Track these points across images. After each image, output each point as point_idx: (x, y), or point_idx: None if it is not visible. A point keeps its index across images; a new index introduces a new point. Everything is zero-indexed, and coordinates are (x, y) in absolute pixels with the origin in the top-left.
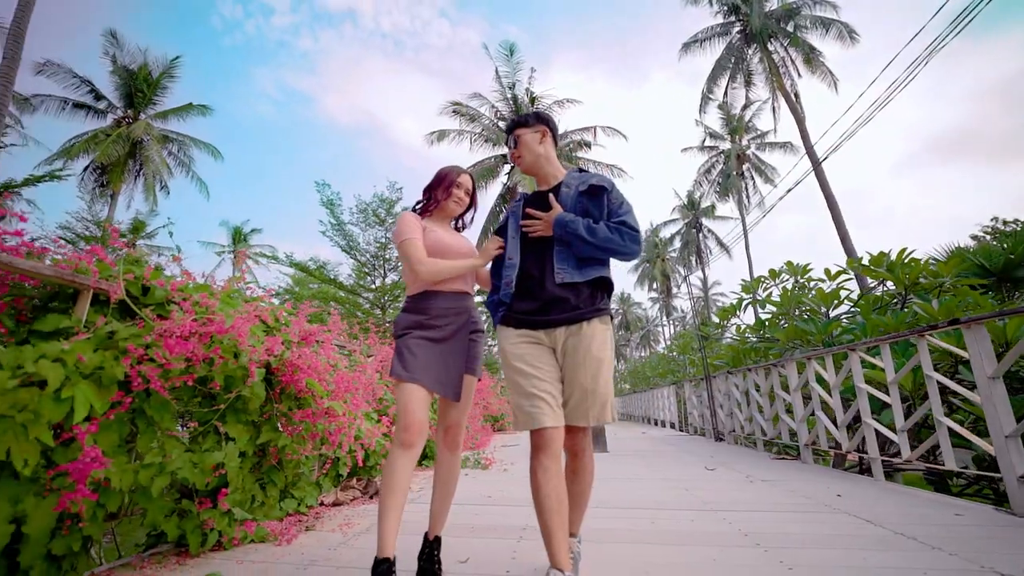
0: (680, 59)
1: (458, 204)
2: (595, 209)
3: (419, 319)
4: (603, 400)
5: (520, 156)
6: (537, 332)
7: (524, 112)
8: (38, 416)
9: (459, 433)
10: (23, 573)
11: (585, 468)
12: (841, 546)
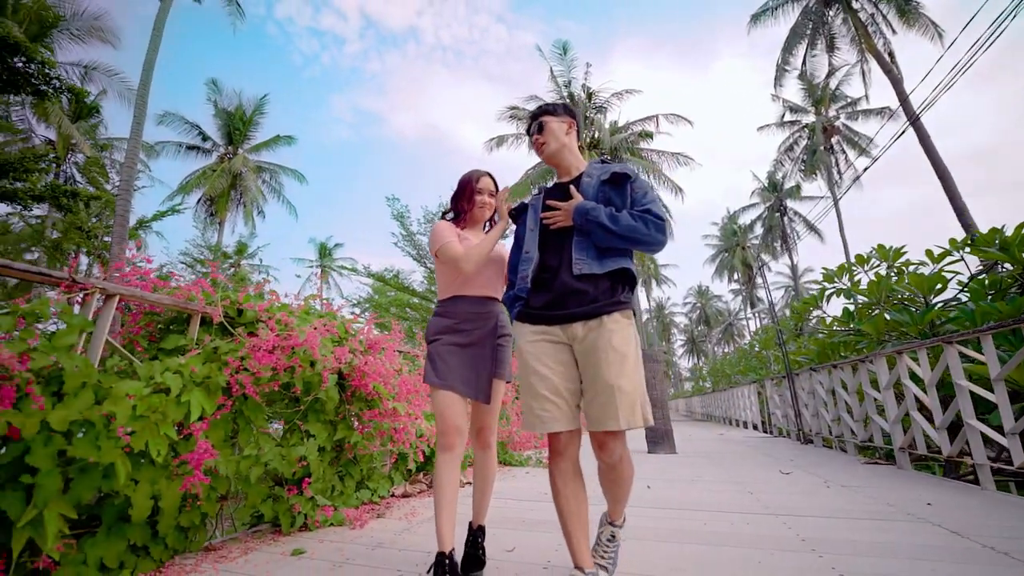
0: (749, 32)
1: (484, 208)
2: (618, 198)
3: (448, 323)
4: (632, 399)
5: (544, 143)
6: (553, 328)
7: (582, 109)
8: (165, 416)
9: (490, 434)
10: (161, 539)
11: (623, 477)
12: (908, 556)
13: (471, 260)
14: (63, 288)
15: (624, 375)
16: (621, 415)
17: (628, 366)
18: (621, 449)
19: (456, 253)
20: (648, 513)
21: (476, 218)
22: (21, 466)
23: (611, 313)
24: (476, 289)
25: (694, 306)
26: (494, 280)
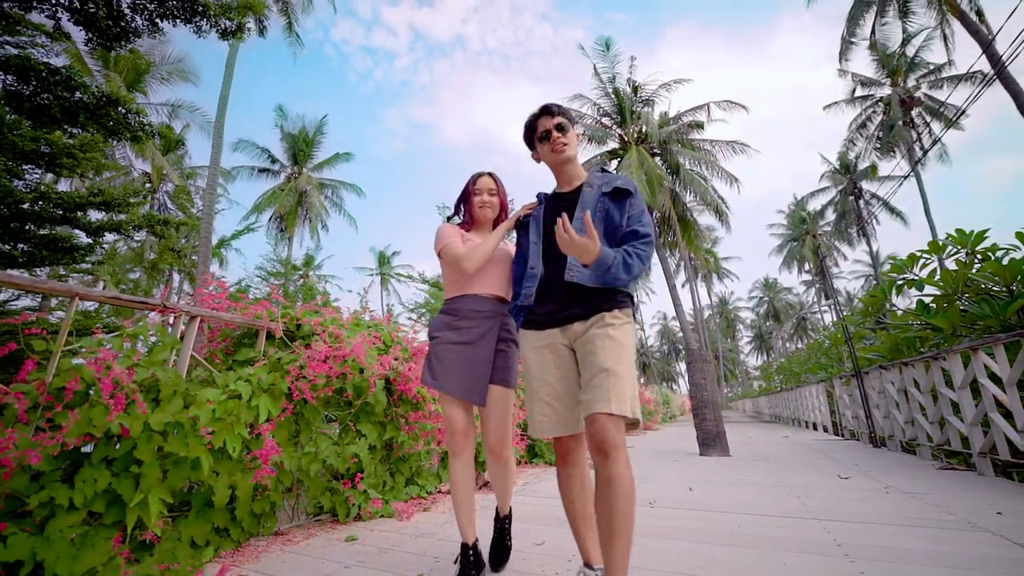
0: (809, 4)
1: (484, 207)
2: (616, 211)
3: (448, 320)
4: (624, 386)
5: (567, 144)
6: (555, 331)
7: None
8: (239, 418)
9: (498, 442)
10: (239, 522)
11: (621, 478)
12: (953, 565)
13: (472, 259)
14: (158, 312)
15: (620, 362)
16: (613, 397)
17: (624, 355)
18: (615, 436)
19: (456, 253)
20: (683, 514)
21: (479, 218)
22: (130, 459)
23: (611, 310)
24: (481, 288)
25: (761, 300)
26: (500, 279)
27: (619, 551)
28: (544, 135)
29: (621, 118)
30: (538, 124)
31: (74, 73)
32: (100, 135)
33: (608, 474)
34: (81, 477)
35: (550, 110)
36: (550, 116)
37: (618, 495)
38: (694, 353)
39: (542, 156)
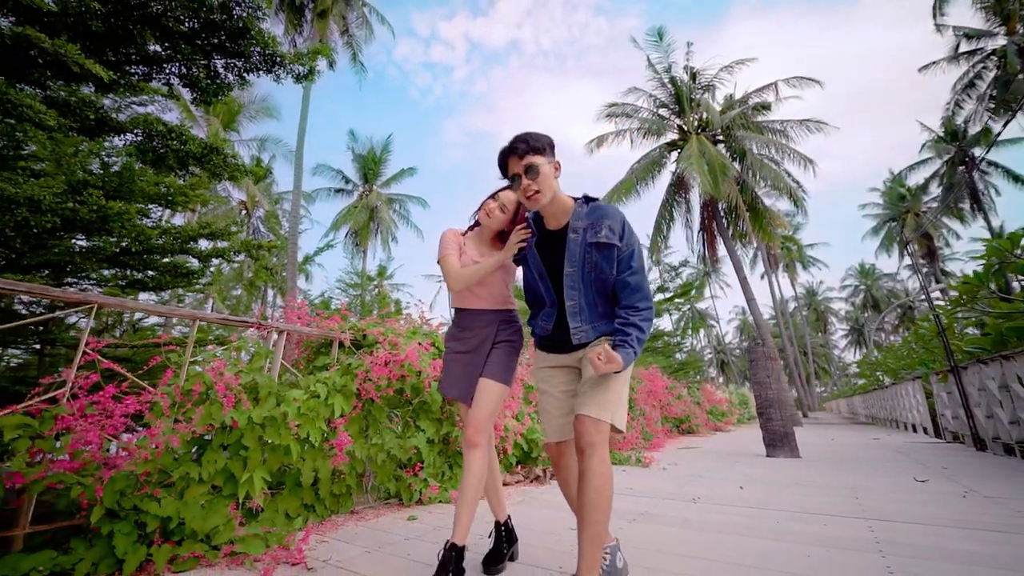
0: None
1: (489, 218)
2: (605, 263)
3: (454, 331)
4: (612, 398)
5: (539, 192)
6: (563, 356)
7: (685, 92)
8: (318, 414)
9: (475, 432)
10: (322, 500)
11: (593, 471)
12: (994, 565)
13: (459, 281)
14: (255, 328)
15: (609, 375)
16: (594, 403)
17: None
18: (592, 436)
19: (449, 269)
20: (724, 509)
21: (485, 228)
22: (239, 445)
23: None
24: (479, 303)
25: (856, 289)
26: (496, 295)
27: (588, 536)
28: (514, 180)
29: (679, 107)
30: (507, 164)
31: (185, 129)
32: (206, 176)
33: (583, 468)
34: (206, 458)
35: (516, 150)
36: (517, 158)
37: (589, 487)
38: (757, 350)
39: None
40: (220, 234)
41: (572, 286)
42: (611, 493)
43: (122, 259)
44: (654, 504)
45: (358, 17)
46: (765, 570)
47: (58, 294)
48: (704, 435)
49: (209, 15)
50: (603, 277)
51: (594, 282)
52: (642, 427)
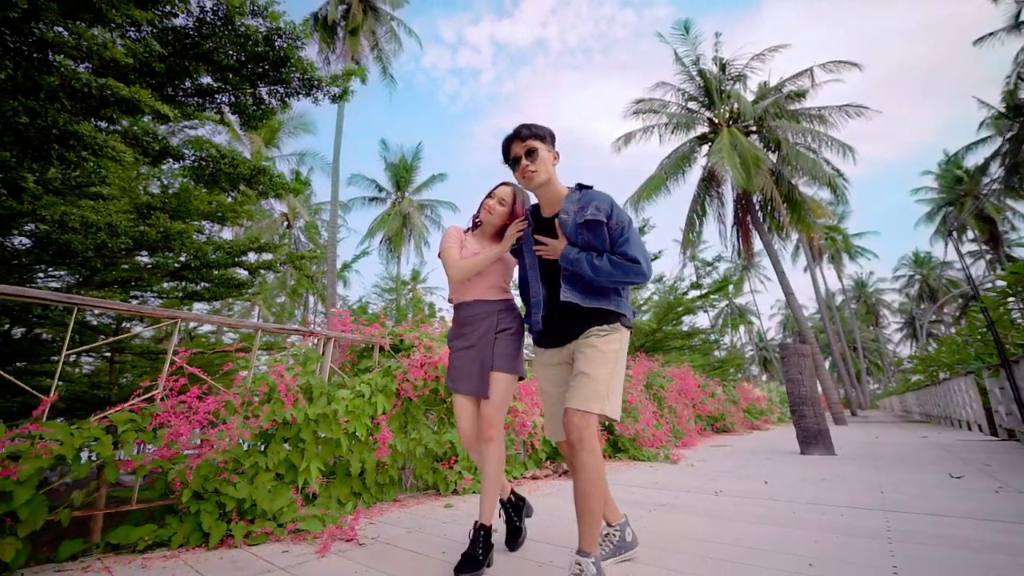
0: None
1: (491, 215)
2: (596, 241)
3: (455, 328)
4: (595, 386)
5: (536, 171)
6: (557, 350)
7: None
8: (364, 411)
9: (489, 426)
10: (368, 489)
11: (584, 465)
12: (1010, 553)
13: (458, 271)
14: (306, 335)
15: (596, 367)
16: (583, 396)
17: (602, 360)
18: (581, 428)
19: (448, 260)
20: (743, 501)
21: (486, 225)
22: (298, 438)
23: (600, 326)
24: (476, 294)
25: (911, 279)
26: (494, 284)
27: (586, 522)
28: (513, 161)
29: (709, 100)
30: (510, 148)
31: (236, 153)
32: (254, 194)
33: (574, 462)
34: (270, 450)
35: (520, 134)
36: (520, 141)
37: (581, 480)
38: (788, 347)
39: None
40: (267, 247)
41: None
42: (604, 483)
43: (182, 273)
44: (676, 496)
45: (387, 32)
46: (772, 552)
47: (161, 312)
48: (739, 433)
49: (254, 48)
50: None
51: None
52: (673, 425)
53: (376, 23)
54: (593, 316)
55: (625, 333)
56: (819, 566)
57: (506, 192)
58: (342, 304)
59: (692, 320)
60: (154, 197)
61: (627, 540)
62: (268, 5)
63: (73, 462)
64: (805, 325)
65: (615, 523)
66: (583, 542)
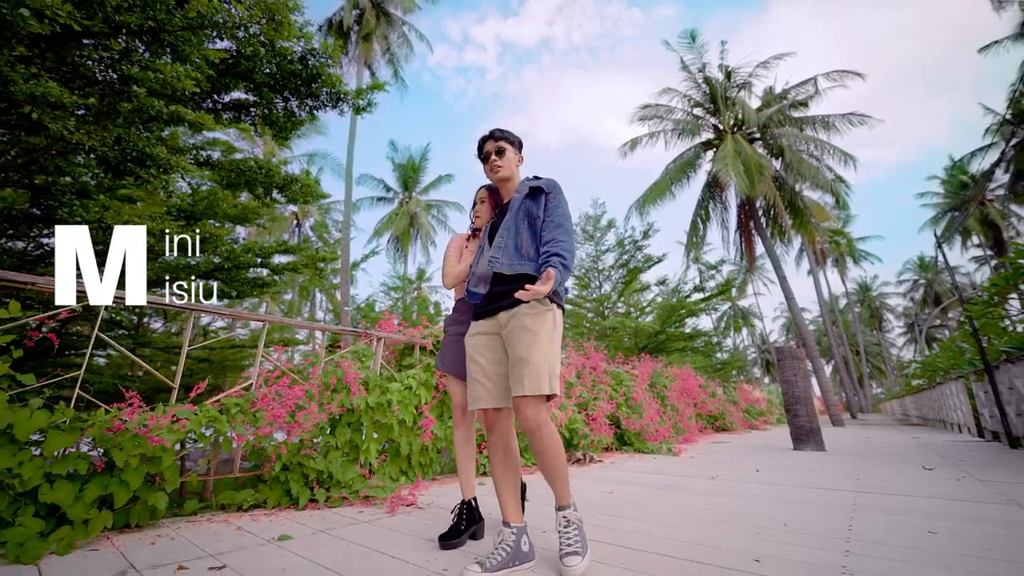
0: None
1: (478, 218)
2: (534, 205)
3: (453, 317)
4: (537, 370)
5: (501, 167)
6: (489, 321)
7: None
8: (410, 401)
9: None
10: (413, 467)
11: (546, 447)
12: (946, 519)
13: (450, 279)
14: (362, 337)
15: (532, 350)
16: (526, 382)
17: (538, 342)
18: (535, 416)
19: (444, 270)
20: (734, 484)
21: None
22: (359, 423)
23: (529, 302)
24: None
25: (915, 283)
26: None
27: (559, 487)
28: (484, 156)
29: (714, 106)
30: (484, 146)
31: (272, 165)
32: (284, 200)
33: (536, 447)
34: (338, 432)
35: (493, 135)
36: (493, 141)
37: (545, 458)
38: (784, 350)
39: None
40: (293, 250)
41: (505, 228)
42: (564, 457)
43: (214, 273)
44: (678, 480)
45: (399, 37)
46: (754, 516)
47: (246, 315)
48: (738, 432)
49: (289, 66)
50: (532, 218)
51: (526, 227)
52: (674, 422)
53: (388, 28)
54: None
55: (557, 311)
56: (791, 526)
57: (483, 193)
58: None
59: (695, 322)
60: (183, 199)
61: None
62: (304, 27)
63: (199, 435)
64: (806, 329)
65: (513, 524)
66: (560, 499)
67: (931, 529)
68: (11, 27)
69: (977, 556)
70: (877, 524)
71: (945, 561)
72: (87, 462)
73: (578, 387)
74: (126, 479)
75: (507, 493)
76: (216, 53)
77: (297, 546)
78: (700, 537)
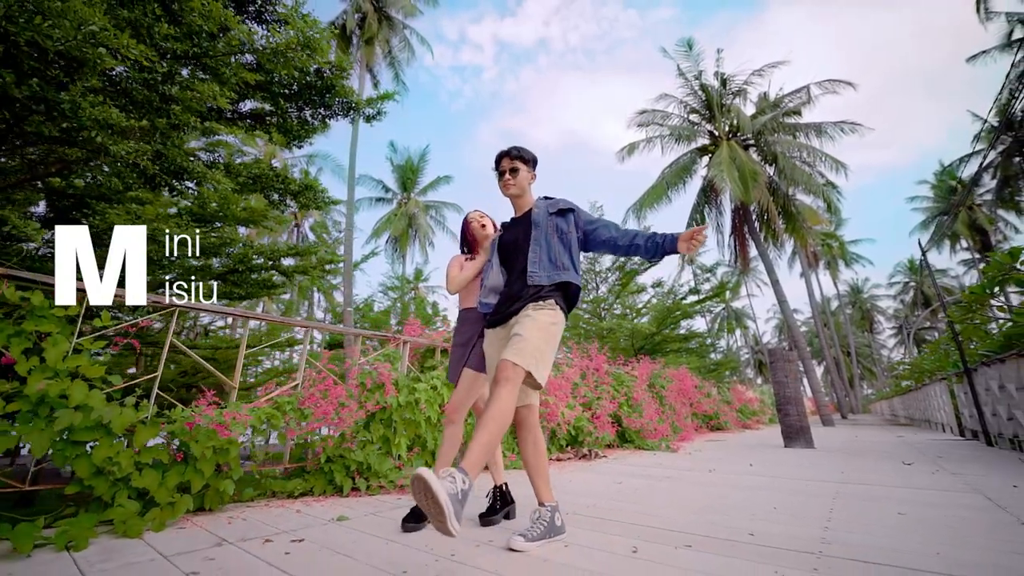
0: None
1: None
2: (564, 223)
3: (457, 327)
4: (528, 347)
5: (513, 184)
6: (501, 328)
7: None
8: (434, 400)
9: (451, 407)
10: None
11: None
12: (912, 503)
13: (454, 284)
14: (391, 341)
15: (529, 330)
16: (514, 350)
17: (535, 326)
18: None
19: (447, 278)
20: (728, 476)
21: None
22: (391, 420)
23: (536, 302)
24: (470, 303)
25: (906, 286)
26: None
27: (478, 443)
28: (499, 173)
29: (710, 113)
30: (500, 162)
31: (288, 173)
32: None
33: (492, 394)
34: (372, 427)
35: (510, 153)
36: (509, 159)
37: (493, 408)
38: (776, 353)
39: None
40: (303, 253)
41: (536, 243)
42: (506, 422)
43: (227, 276)
44: (678, 473)
45: (401, 41)
46: (748, 502)
47: (297, 322)
48: (732, 431)
49: (304, 78)
50: (562, 233)
51: (557, 240)
52: (672, 421)
53: (391, 32)
54: (532, 294)
55: (560, 313)
56: (780, 510)
57: (475, 215)
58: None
59: (689, 324)
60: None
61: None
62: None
63: (255, 430)
64: (797, 332)
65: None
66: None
67: (900, 511)
68: (89, 64)
69: (933, 531)
70: (854, 508)
71: (906, 535)
72: (168, 452)
73: (583, 387)
74: (200, 468)
75: (540, 478)
76: (252, 75)
77: (356, 524)
78: (702, 518)
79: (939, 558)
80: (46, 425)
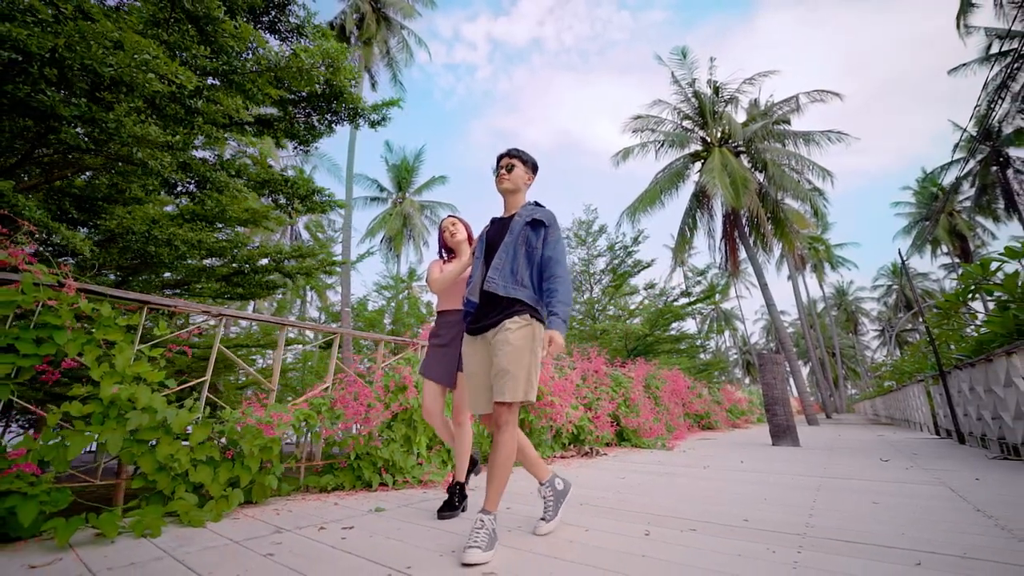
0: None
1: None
2: (533, 236)
3: (434, 328)
4: (515, 379)
5: (508, 179)
6: (478, 337)
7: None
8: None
9: (459, 412)
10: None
11: (499, 443)
12: (880, 493)
13: (437, 283)
14: (411, 345)
15: (514, 363)
16: (507, 390)
17: (518, 355)
18: (508, 418)
19: (429, 277)
20: (721, 472)
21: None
22: (411, 419)
23: (512, 317)
24: (451, 304)
25: (889, 289)
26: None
27: (494, 487)
28: (496, 168)
29: (703, 120)
30: (500, 160)
31: (297, 179)
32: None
33: (495, 440)
34: (395, 427)
35: (510, 153)
36: (508, 157)
37: (499, 455)
38: (765, 356)
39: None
40: (306, 255)
41: (504, 250)
42: (513, 460)
43: (232, 278)
44: (675, 468)
45: (399, 42)
46: (741, 493)
47: (325, 327)
48: (722, 430)
49: (313, 86)
50: (530, 248)
51: (524, 254)
52: (666, 421)
53: (389, 33)
54: (506, 306)
55: (536, 326)
56: (770, 500)
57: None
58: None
59: (680, 325)
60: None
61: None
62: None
63: (295, 429)
64: (784, 334)
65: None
66: (488, 503)
67: (874, 501)
68: (139, 88)
69: (902, 517)
70: (835, 498)
71: (878, 520)
72: (219, 450)
73: (584, 389)
74: (248, 464)
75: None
76: (276, 91)
77: (393, 515)
78: (701, 507)
79: (904, 537)
80: (117, 425)
